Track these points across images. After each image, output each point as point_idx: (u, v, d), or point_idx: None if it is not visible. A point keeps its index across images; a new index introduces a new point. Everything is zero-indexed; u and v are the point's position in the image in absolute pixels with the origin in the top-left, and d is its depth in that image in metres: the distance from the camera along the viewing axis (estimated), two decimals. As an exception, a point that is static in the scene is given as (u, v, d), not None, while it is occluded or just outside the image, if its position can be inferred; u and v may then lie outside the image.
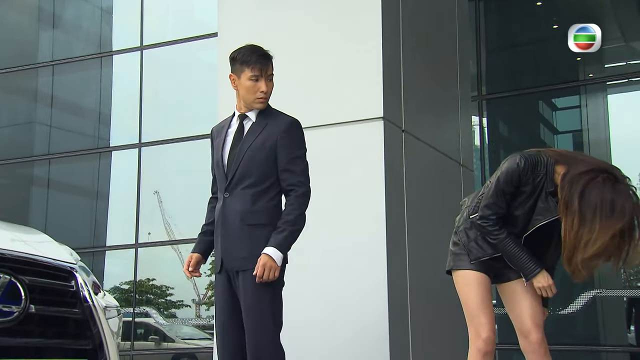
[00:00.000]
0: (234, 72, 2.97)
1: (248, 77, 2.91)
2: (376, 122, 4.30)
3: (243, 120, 2.97)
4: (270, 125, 2.91)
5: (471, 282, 2.74)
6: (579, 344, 8.28)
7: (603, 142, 9.34)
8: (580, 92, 9.38)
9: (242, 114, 2.97)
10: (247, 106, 2.97)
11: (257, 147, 2.87)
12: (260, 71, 2.91)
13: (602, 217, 2.39)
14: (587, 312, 8.27)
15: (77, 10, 12.20)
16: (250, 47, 3.01)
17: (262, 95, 2.91)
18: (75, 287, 2.41)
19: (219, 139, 3.01)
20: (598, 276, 8.98)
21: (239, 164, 2.86)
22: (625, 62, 10.04)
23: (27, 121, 11.93)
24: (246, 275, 2.76)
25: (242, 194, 2.83)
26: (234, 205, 2.84)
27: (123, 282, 10.87)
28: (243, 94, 2.95)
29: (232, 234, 2.82)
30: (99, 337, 2.40)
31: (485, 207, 2.73)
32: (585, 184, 2.45)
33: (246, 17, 4.97)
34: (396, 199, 4.40)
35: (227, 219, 2.84)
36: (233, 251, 2.81)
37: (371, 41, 4.43)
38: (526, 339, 2.72)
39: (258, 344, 2.72)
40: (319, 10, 4.70)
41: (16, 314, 2.12)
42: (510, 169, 2.67)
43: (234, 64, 2.98)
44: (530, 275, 2.67)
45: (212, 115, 5.45)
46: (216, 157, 2.98)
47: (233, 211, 2.83)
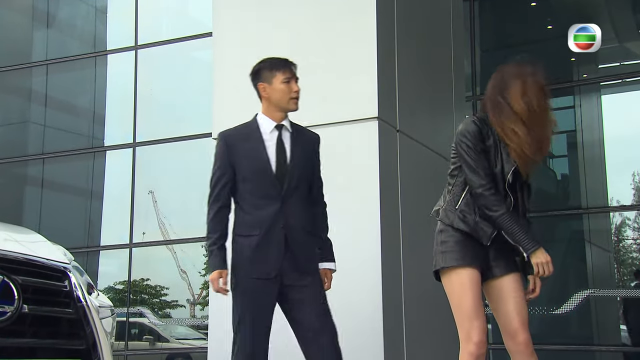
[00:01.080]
0: (263, 81, 3.11)
1: (281, 81, 3.07)
2: (371, 122, 4.31)
3: (280, 130, 3.08)
4: (304, 137, 3.14)
5: (465, 282, 2.72)
6: (572, 344, 8.30)
7: (597, 142, 9.38)
8: (574, 92, 9.41)
9: (278, 124, 3.09)
10: (280, 111, 3.09)
11: (305, 158, 3.09)
12: (291, 73, 3.10)
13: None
14: (580, 312, 8.30)
15: (72, 9, 12.17)
16: (269, 57, 3.17)
17: (296, 95, 3.09)
18: (68, 287, 2.40)
19: (248, 147, 3.05)
20: (592, 276, 9.02)
21: (294, 173, 3.02)
22: (619, 63, 10.07)
23: (21, 120, 11.89)
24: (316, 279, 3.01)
25: (296, 203, 3.02)
26: (293, 212, 3.00)
27: (117, 282, 10.84)
28: (277, 98, 3.08)
29: (297, 240, 2.99)
30: (93, 337, 2.40)
31: (472, 173, 2.73)
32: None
33: (241, 16, 4.97)
34: (390, 198, 4.41)
35: (290, 226, 2.98)
36: (301, 256, 2.98)
37: (366, 41, 4.43)
38: (513, 339, 2.72)
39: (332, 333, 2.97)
40: (314, 11, 4.70)
41: (9, 314, 2.11)
42: (469, 129, 2.77)
43: (261, 73, 3.12)
44: (530, 251, 2.67)
45: (207, 115, 5.45)
46: (257, 165, 3.02)
47: (294, 218, 2.99)
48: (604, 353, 8.42)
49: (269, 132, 3.07)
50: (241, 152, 3.05)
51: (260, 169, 3.01)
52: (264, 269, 2.94)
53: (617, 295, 9.21)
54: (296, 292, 2.94)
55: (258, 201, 2.98)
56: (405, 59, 4.82)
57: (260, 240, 2.95)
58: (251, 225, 2.98)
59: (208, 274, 9.96)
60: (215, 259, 2.99)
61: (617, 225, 9.64)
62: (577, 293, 7.84)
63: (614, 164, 9.11)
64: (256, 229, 2.96)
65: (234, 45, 4.95)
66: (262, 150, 3.03)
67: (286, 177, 3.00)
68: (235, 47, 4.94)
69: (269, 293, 2.94)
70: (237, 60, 4.91)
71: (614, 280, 9.66)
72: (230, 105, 4.89)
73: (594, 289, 8.53)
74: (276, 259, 2.94)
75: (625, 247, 10.03)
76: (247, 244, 2.97)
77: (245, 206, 3.03)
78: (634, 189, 9.75)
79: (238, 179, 3.04)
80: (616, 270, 9.99)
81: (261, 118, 3.13)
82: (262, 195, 2.99)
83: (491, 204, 2.70)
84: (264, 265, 2.94)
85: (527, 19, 9.59)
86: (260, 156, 3.02)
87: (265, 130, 3.08)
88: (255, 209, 2.98)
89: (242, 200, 3.04)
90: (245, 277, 2.94)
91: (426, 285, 4.79)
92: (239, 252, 2.99)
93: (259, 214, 2.97)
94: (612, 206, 9.07)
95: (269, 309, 2.96)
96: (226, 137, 3.12)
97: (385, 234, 4.18)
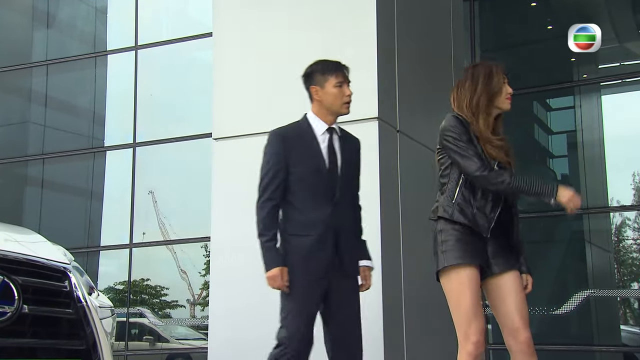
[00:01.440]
0: (316, 84, 3.12)
1: (334, 84, 3.10)
2: (371, 122, 4.31)
3: (331, 134, 3.12)
4: (349, 142, 3.19)
5: (464, 281, 2.71)
6: (572, 344, 8.30)
7: (597, 142, 9.37)
8: (574, 92, 9.40)
9: (330, 127, 3.12)
10: (332, 114, 3.12)
11: (352, 163, 3.15)
12: (343, 77, 3.12)
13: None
14: (580, 312, 8.29)
15: (72, 9, 12.17)
16: (322, 60, 3.19)
17: (348, 99, 3.12)
18: (68, 287, 2.40)
19: (304, 147, 3.07)
20: (592, 276, 9.02)
21: (345, 178, 3.08)
22: (619, 63, 10.07)
23: (21, 121, 11.89)
24: (355, 283, 3.09)
25: (346, 206, 3.09)
26: (344, 215, 3.06)
27: (117, 282, 10.84)
28: (330, 101, 3.10)
29: (346, 242, 3.05)
30: (93, 337, 2.40)
31: (466, 160, 2.74)
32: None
33: (241, 17, 4.97)
34: (390, 198, 4.41)
35: (344, 228, 3.05)
36: (347, 258, 3.04)
37: (366, 41, 4.44)
38: (514, 338, 2.71)
39: (360, 338, 3.04)
40: (314, 11, 4.70)
41: (9, 314, 2.11)
42: (451, 123, 2.81)
43: (313, 77, 3.14)
44: (554, 193, 2.67)
45: (207, 115, 5.45)
46: (313, 166, 3.05)
47: (344, 221, 3.05)
48: (604, 353, 8.42)
49: (321, 134, 3.10)
50: (297, 151, 3.06)
51: (316, 170, 3.04)
52: (318, 269, 2.98)
53: (617, 295, 9.21)
54: (337, 295, 3.01)
55: (312, 202, 3.02)
56: (406, 60, 4.82)
57: (315, 240, 2.98)
58: (306, 226, 3.01)
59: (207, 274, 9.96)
60: (274, 256, 3.00)
61: (617, 226, 9.64)
62: (577, 293, 7.84)
63: (614, 164, 9.11)
64: (312, 229, 3.00)
65: (234, 46, 4.95)
66: (318, 151, 3.07)
67: (338, 181, 3.05)
68: (235, 47, 4.94)
69: (320, 293, 2.99)
70: (237, 61, 4.91)
71: (614, 281, 9.65)
72: (230, 106, 4.90)
73: (594, 289, 8.52)
74: (329, 260, 2.99)
75: (626, 247, 10.03)
76: (303, 244, 3.00)
77: (300, 206, 3.04)
78: (634, 189, 9.75)
79: (292, 178, 3.04)
80: (616, 271, 9.98)
81: (312, 119, 3.13)
82: (316, 196, 3.02)
83: (494, 179, 2.71)
84: (319, 265, 2.98)
85: (527, 19, 9.59)
86: (317, 157, 3.06)
87: (318, 132, 3.10)
88: (310, 210, 3.01)
89: (296, 200, 3.05)
90: (300, 276, 2.96)
91: (426, 285, 4.79)
92: (293, 252, 3.01)
93: (314, 215, 3.00)
94: (612, 206, 9.07)
95: (318, 308, 3.02)
96: (282, 136, 3.11)
97: (385, 234, 4.18)
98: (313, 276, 2.97)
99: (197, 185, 9.84)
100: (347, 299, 3.04)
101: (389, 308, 4.15)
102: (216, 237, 4.77)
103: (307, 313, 2.95)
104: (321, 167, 3.04)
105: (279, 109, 4.54)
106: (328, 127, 3.11)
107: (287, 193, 3.05)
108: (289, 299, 2.99)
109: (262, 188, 3.07)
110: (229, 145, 4.83)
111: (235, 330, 4.48)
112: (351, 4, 4.59)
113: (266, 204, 3.05)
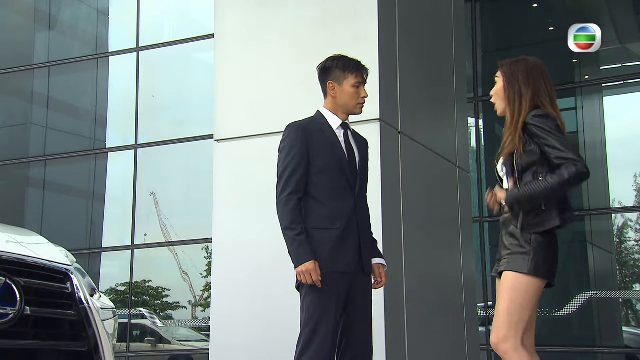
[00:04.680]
0: (333, 80, 3.06)
1: (352, 84, 3.05)
2: (372, 124, 4.30)
3: (346, 129, 3.09)
4: (360, 140, 3.14)
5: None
6: (574, 346, 8.30)
7: (599, 143, 9.37)
8: (576, 94, 9.41)
9: (344, 122, 3.09)
10: (344, 112, 3.08)
11: (365, 159, 3.11)
12: (362, 77, 3.07)
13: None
14: (582, 314, 8.29)
15: (74, 11, 12.19)
16: (344, 56, 3.13)
17: (363, 101, 3.07)
18: (70, 289, 2.40)
19: (324, 139, 3.00)
20: (594, 277, 9.01)
21: (361, 173, 3.05)
22: (621, 64, 10.07)
23: (23, 122, 11.91)
24: (370, 282, 3.02)
25: (363, 201, 3.05)
26: (363, 210, 3.02)
27: (119, 283, 10.85)
28: (344, 100, 3.06)
29: (368, 239, 3.03)
30: (95, 339, 2.39)
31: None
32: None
33: (242, 18, 4.97)
34: (392, 199, 4.41)
35: (363, 225, 3.01)
36: (367, 255, 2.99)
37: (367, 43, 4.43)
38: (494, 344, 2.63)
39: (370, 340, 2.98)
40: (315, 12, 4.70)
41: (11, 315, 2.11)
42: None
43: (331, 72, 3.08)
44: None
45: (208, 117, 5.44)
46: (334, 158, 2.98)
47: (363, 217, 3.01)
48: (606, 355, 8.41)
49: (336, 129, 3.06)
50: (317, 144, 2.98)
51: (337, 163, 2.98)
52: (344, 263, 2.89)
53: (619, 297, 9.20)
54: (353, 296, 2.92)
55: (335, 194, 2.94)
56: (407, 61, 4.82)
57: (340, 234, 2.90)
58: (330, 219, 2.91)
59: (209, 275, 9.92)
60: (306, 249, 2.84)
61: (619, 227, 9.64)
62: (579, 295, 7.84)
63: (616, 165, 9.11)
64: (336, 222, 2.91)
65: (235, 47, 4.95)
66: (337, 144, 3.01)
67: (357, 175, 3.02)
68: (237, 48, 4.94)
69: (346, 288, 2.89)
70: (239, 62, 4.91)
71: (616, 282, 9.64)
72: (231, 107, 4.90)
73: (596, 290, 8.52)
74: (354, 254, 2.92)
75: (627, 248, 10.02)
76: (327, 238, 2.89)
77: (322, 199, 2.94)
78: (635, 191, 9.74)
79: (312, 171, 2.95)
80: (618, 272, 9.97)
81: (327, 113, 3.08)
82: (337, 189, 2.95)
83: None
84: (345, 259, 2.89)
85: (528, 21, 9.60)
86: (336, 150, 3.00)
87: (334, 126, 3.06)
88: (332, 202, 2.92)
89: (317, 193, 2.94)
90: (326, 271, 2.84)
91: (428, 286, 4.79)
92: (318, 246, 2.87)
93: (337, 207, 2.92)
94: (614, 208, 9.07)
95: (344, 305, 2.91)
96: (302, 128, 3.01)
97: (387, 236, 4.17)
98: (340, 271, 2.86)
99: (198, 187, 9.86)
100: (363, 299, 2.97)
101: (391, 308, 4.14)
102: (218, 239, 4.77)
103: (335, 313, 2.84)
104: (342, 159, 2.98)
105: (281, 111, 4.54)
106: (342, 122, 3.07)
107: (307, 186, 2.94)
108: (314, 297, 2.85)
109: (284, 181, 2.94)
110: (231, 147, 4.83)
111: (237, 332, 4.48)
112: (352, 5, 4.59)
113: (292, 197, 2.91)
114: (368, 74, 3.10)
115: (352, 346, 2.90)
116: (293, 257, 2.87)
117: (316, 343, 2.81)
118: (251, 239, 4.54)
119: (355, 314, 2.92)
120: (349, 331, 2.91)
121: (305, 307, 2.87)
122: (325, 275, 2.84)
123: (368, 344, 2.97)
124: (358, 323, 2.92)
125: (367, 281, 3.01)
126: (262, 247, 4.43)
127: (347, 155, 3.01)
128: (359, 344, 2.92)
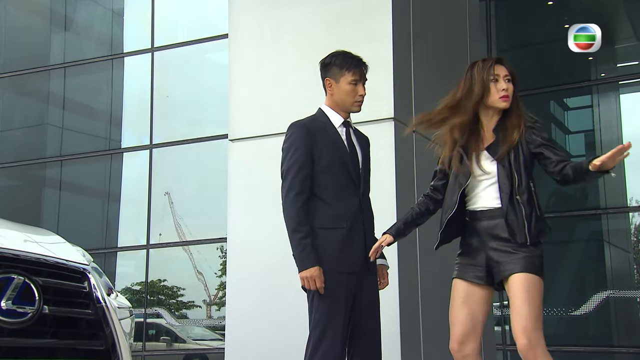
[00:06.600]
0: (331, 77, 3.05)
1: (348, 81, 3.02)
2: (387, 123, 4.30)
3: (348, 127, 3.07)
4: (361, 138, 3.13)
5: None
6: (591, 345, 8.23)
7: (615, 141, 9.27)
8: (592, 91, 9.33)
9: (345, 120, 3.07)
10: (342, 109, 3.06)
11: (367, 158, 3.10)
12: (360, 75, 3.04)
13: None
14: (599, 313, 8.22)
15: (89, 12, 12.28)
16: (344, 52, 3.11)
17: (360, 99, 3.04)
18: (88, 288, 2.41)
19: (328, 138, 2.99)
20: (611, 277, 8.93)
21: (364, 171, 3.04)
22: (638, 62, 9.97)
23: (39, 123, 12.01)
24: (375, 283, 3.02)
25: (367, 201, 3.04)
26: (367, 209, 3.02)
27: (134, 283, 10.91)
28: (341, 97, 3.04)
29: (371, 238, 3.00)
30: (112, 337, 2.41)
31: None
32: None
33: (256, 18, 4.98)
34: (407, 199, 4.39)
35: (368, 223, 3.02)
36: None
37: (382, 41, 4.42)
38: (517, 343, 2.62)
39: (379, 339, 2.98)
40: (329, 11, 4.70)
41: (30, 314, 2.13)
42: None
43: (329, 68, 3.07)
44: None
45: (222, 117, 5.46)
46: (338, 157, 2.97)
47: (367, 216, 3.01)
48: (624, 355, 8.33)
49: (338, 127, 3.03)
50: (321, 143, 2.95)
51: (341, 162, 2.96)
52: (350, 262, 2.87)
53: (636, 296, 9.11)
54: (360, 295, 2.90)
55: (340, 193, 2.92)
56: (421, 59, 4.81)
57: (346, 233, 2.88)
58: (336, 218, 2.89)
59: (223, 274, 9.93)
60: (311, 254, 2.82)
61: (636, 226, 9.53)
62: (596, 294, 7.77)
63: (633, 163, 9.00)
64: (342, 221, 2.88)
65: (249, 47, 4.96)
66: (340, 143, 2.99)
67: (360, 173, 3.00)
68: (251, 48, 4.95)
69: (353, 288, 2.88)
70: (253, 62, 4.92)
71: (633, 281, 9.55)
72: (246, 107, 4.91)
73: (613, 290, 8.44)
74: (360, 253, 2.90)
75: (645, 247, 9.92)
76: (334, 238, 2.87)
77: (327, 198, 2.91)
78: (653, 189, 9.63)
79: (317, 169, 2.92)
80: (635, 271, 9.87)
81: (328, 111, 3.06)
82: (342, 188, 2.93)
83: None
84: (351, 259, 2.87)
85: (543, 18, 9.52)
86: (340, 149, 2.98)
87: (335, 125, 3.03)
88: (337, 201, 2.90)
89: (322, 193, 2.91)
90: (333, 271, 2.83)
91: (443, 287, 4.77)
92: (324, 246, 2.85)
93: (342, 207, 2.90)
94: (631, 206, 8.98)
95: (351, 304, 2.89)
96: (306, 127, 3.00)
97: (401, 235, 4.16)
98: (346, 271, 2.85)
99: (213, 187, 9.89)
100: (369, 300, 2.95)
101: (406, 311, 4.13)
102: (232, 238, 4.78)
103: (344, 314, 2.83)
104: (345, 158, 2.96)
105: (295, 110, 4.53)
106: (344, 120, 3.05)
107: (312, 185, 2.92)
108: (321, 298, 2.83)
109: (290, 181, 2.91)
110: (245, 146, 4.84)
111: (252, 331, 4.49)
112: (367, 3, 4.58)
113: (299, 197, 2.88)
114: (367, 70, 3.07)
115: (362, 346, 2.89)
116: (297, 261, 2.85)
117: (326, 343, 2.80)
118: (266, 239, 4.54)
119: (363, 313, 2.90)
120: (358, 331, 2.90)
121: (314, 308, 2.86)
122: (332, 276, 2.83)
123: (377, 343, 2.95)
124: (366, 322, 2.91)
125: (373, 280, 2.99)
126: (277, 247, 4.42)
127: (350, 154, 3.00)
128: (368, 344, 2.91)
